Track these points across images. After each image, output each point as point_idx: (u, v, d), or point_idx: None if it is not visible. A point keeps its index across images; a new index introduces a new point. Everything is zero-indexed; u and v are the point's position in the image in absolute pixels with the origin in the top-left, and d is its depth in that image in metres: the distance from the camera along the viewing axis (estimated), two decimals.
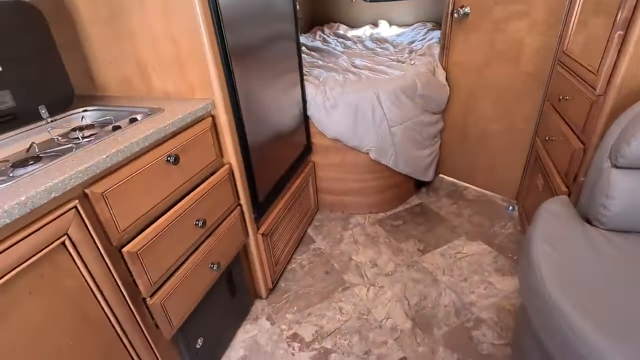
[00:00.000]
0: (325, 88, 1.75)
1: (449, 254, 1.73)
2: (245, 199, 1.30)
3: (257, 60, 1.29)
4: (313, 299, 1.55)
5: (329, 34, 3.06)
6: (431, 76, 1.93)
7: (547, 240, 0.92)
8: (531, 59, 1.68)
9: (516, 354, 1.14)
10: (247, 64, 1.21)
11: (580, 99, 1.22)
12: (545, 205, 1.06)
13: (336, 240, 1.89)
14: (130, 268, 0.84)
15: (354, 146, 1.82)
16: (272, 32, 1.40)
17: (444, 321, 1.40)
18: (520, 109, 1.82)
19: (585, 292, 0.78)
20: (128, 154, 0.81)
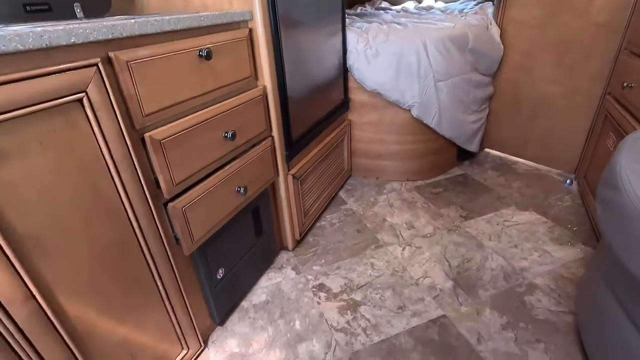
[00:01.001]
0: (368, 36, 1.64)
1: (495, 222, 1.56)
2: (277, 132, 1.21)
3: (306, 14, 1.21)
4: (342, 254, 1.43)
5: (370, 8, 2.95)
6: (484, 30, 1.77)
7: (636, 160, 0.76)
8: (603, 6, 1.49)
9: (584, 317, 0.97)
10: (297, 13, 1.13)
11: None
12: (633, 134, 0.89)
13: (369, 203, 1.77)
14: (152, 159, 0.77)
15: (395, 100, 1.69)
16: None
17: (491, 284, 1.24)
18: (587, 67, 1.62)
19: None
20: (158, 29, 0.75)
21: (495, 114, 2.04)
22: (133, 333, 0.82)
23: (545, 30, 1.70)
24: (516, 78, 1.89)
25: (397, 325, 1.11)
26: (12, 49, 0.52)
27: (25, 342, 0.59)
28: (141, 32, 0.71)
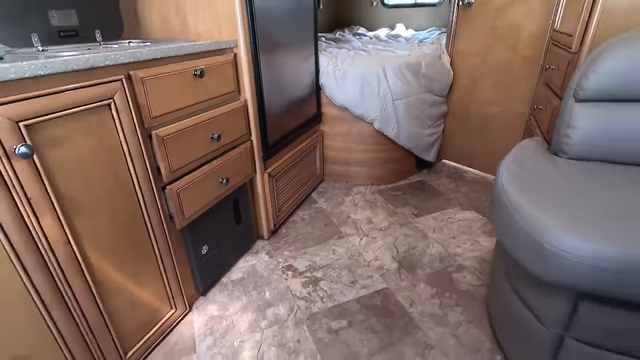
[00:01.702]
0: (337, 60, 1.94)
1: (441, 219, 1.84)
2: (256, 136, 1.48)
3: (277, 19, 1.49)
4: (309, 243, 1.69)
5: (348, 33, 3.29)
6: (436, 59, 2.10)
7: (513, 161, 1.05)
8: (528, 42, 1.83)
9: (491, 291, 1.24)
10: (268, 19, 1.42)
11: (561, 63, 1.36)
12: (520, 142, 1.19)
13: (337, 202, 2.03)
14: (156, 151, 1.02)
15: (360, 115, 1.98)
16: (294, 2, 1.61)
17: (428, 265, 1.51)
18: (517, 92, 1.95)
19: (538, 192, 0.90)
20: (165, 54, 1.01)
21: (450, 129, 2.36)
22: (135, 287, 1.05)
23: (485, 60, 2.04)
24: (465, 99, 2.22)
25: (349, 294, 1.36)
26: (69, 69, 0.78)
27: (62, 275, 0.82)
28: (153, 57, 0.98)
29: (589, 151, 1.04)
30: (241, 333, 1.22)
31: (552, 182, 0.95)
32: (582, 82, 1.02)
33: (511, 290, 1.00)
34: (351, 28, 3.56)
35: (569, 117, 1.06)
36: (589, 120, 1.02)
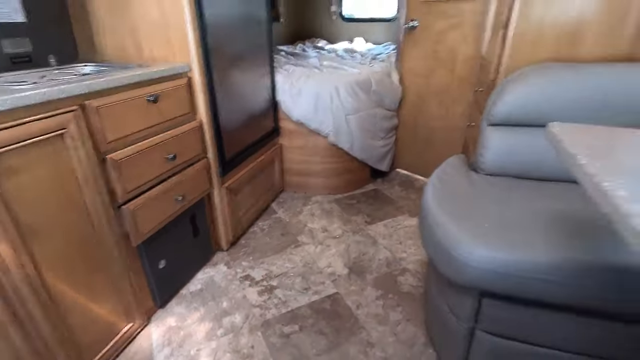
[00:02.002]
0: (292, 78, 2.06)
1: (391, 225, 2.00)
2: (212, 153, 1.55)
3: (230, 42, 1.59)
4: (268, 252, 1.78)
5: (308, 46, 3.43)
6: (385, 76, 2.26)
7: (437, 177, 1.20)
8: (463, 65, 2.04)
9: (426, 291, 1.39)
10: (221, 42, 1.51)
11: (487, 87, 1.55)
12: (447, 159, 1.35)
13: (296, 212, 2.14)
14: (110, 173, 1.09)
15: (315, 129, 2.11)
16: (247, 22, 1.70)
17: (376, 269, 1.65)
18: (456, 109, 2.16)
19: (453, 206, 1.06)
20: (119, 84, 1.08)
21: (402, 141, 2.54)
22: (92, 304, 1.10)
23: (428, 79, 2.23)
24: (414, 114, 2.40)
25: (301, 300, 1.47)
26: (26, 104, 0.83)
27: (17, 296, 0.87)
28: (108, 87, 1.04)
29: (499, 168, 1.21)
30: (198, 342, 1.29)
31: (466, 196, 1.11)
32: (492, 109, 1.20)
33: (436, 291, 1.15)
34: (312, 40, 3.70)
35: (483, 138, 1.23)
36: (498, 141, 1.20)
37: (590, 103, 1.07)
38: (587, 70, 1.11)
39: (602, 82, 1.07)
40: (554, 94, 1.10)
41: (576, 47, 1.27)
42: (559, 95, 1.10)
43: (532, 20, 1.29)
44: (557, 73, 1.14)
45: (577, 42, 1.26)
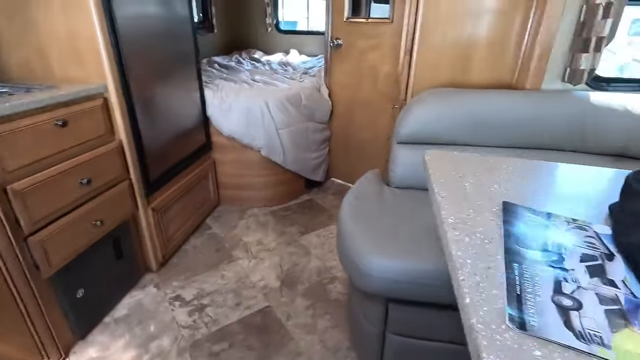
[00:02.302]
0: (222, 94, 2.07)
1: (323, 235, 2.09)
2: (135, 174, 1.52)
3: (150, 58, 1.57)
4: (200, 270, 1.77)
5: (245, 57, 3.44)
6: (315, 91, 2.36)
7: (352, 192, 1.30)
8: (384, 82, 2.20)
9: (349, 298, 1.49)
10: (140, 59, 1.48)
11: (400, 105, 1.70)
12: (364, 174, 1.46)
13: (231, 226, 2.15)
14: (13, 203, 1.03)
15: (247, 144, 2.13)
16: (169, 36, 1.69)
17: (307, 280, 1.72)
18: (381, 122, 2.31)
19: (363, 220, 1.16)
20: (26, 108, 1.03)
21: (335, 151, 2.66)
22: None
23: (355, 93, 2.37)
24: (344, 125, 2.53)
25: (232, 317, 1.49)
26: None
27: None
28: (12, 112, 0.99)
29: (406, 182, 1.35)
30: None
31: (375, 209, 1.22)
32: (398, 128, 1.33)
33: (354, 298, 1.24)
34: (248, 51, 3.71)
35: (393, 154, 1.36)
36: (404, 158, 1.33)
37: (472, 125, 1.24)
38: (471, 96, 1.28)
39: (482, 106, 1.25)
40: (445, 117, 1.25)
41: (468, 73, 1.45)
42: (450, 117, 1.26)
43: (431, 47, 1.45)
44: (448, 97, 1.30)
45: (468, 69, 1.44)
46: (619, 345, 0.34)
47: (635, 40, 4.87)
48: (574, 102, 1.26)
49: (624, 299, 0.40)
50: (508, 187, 0.66)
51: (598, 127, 1.23)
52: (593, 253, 0.48)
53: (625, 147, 1.23)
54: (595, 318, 0.37)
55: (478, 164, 0.76)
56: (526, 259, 0.46)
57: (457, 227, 0.53)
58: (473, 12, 1.38)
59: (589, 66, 1.24)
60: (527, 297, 0.40)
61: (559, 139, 1.26)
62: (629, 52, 4.50)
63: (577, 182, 0.74)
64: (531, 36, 1.33)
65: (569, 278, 0.43)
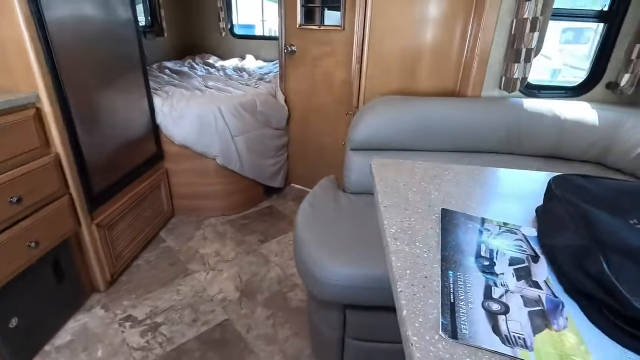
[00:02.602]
0: (172, 100, 1.99)
1: (283, 242, 2.07)
2: (75, 189, 1.41)
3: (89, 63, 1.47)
4: (153, 286, 1.68)
5: (198, 62, 3.34)
6: (270, 97, 2.34)
7: (308, 201, 1.31)
8: (339, 88, 2.23)
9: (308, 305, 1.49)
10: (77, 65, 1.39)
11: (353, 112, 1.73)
12: (319, 182, 1.47)
13: (187, 238, 2.07)
14: None
15: (201, 152, 2.07)
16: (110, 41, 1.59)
17: (267, 289, 1.69)
18: (338, 127, 2.34)
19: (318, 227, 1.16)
20: None
21: (293, 156, 2.65)
22: None
23: (311, 99, 2.38)
24: (302, 130, 2.53)
25: (189, 334, 1.43)
26: None
27: None
28: None
29: (361, 188, 1.37)
30: None
31: (330, 216, 1.23)
32: (351, 135, 1.35)
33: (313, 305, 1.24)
34: (202, 56, 3.61)
35: (347, 160, 1.38)
36: (358, 164, 1.36)
37: (420, 130, 1.29)
38: (418, 103, 1.34)
39: (429, 113, 1.31)
40: (395, 123, 1.30)
41: (416, 81, 1.51)
42: (400, 124, 1.30)
43: (380, 56, 1.50)
44: (397, 104, 1.35)
45: (416, 78, 1.50)
46: (540, 346, 0.37)
47: (565, 47, 5.47)
48: (510, 108, 1.35)
49: (546, 299, 0.43)
50: (447, 193, 0.69)
51: (532, 131, 1.33)
52: (520, 256, 0.51)
53: (556, 148, 1.34)
54: (520, 320, 0.40)
55: (422, 172, 0.78)
56: (461, 266, 0.48)
57: (398, 237, 0.54)
58: (417, 23, 1.44)
59: (521, 75, 1.35)
60: (459, 304, 0.41)
61: (498, 142, 1.35)
62: (561, 58, 5.02)
63: (511, 186, 0.79)
64: (470, 47, 1.42)
65: (499, 282, 0.46)
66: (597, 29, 5.23)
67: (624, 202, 0.54)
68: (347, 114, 1.92)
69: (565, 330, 0.39)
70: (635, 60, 1.34)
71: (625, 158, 1.21)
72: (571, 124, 1.31)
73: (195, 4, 3.56)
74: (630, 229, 0.48)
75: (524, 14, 1.25)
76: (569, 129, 1.31)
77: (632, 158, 1.19)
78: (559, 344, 0.37)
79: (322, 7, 2.16)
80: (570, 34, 7.00)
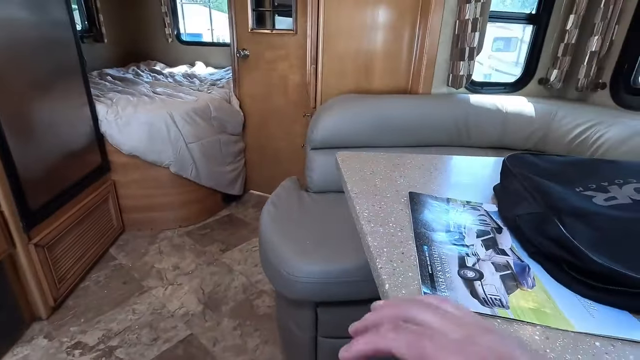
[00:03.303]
0: (118, 107, 1.87)
1: (246, 249, 2.01)
2: (8, 206, 1.26)
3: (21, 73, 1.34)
4: (104, 308, 1.54)
5: (144, 69, 3.17)
6: (224, 102, 2.28)
7: (271, 201, 1.28)
8: (294, 91, 2.24)
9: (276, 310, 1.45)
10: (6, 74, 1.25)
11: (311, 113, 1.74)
12: (281, 183, 1.45)
13: (140, 254, 1.93)
14: None
15: (152, 161, 1.95)
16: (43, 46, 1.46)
17: (232, 298, 1.63)
18: (295, 130, 2.34)
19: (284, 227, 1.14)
20: None
21: (251, 162, 2.60)
22: None
23: (266, 103, 2.36)
24: (259, 135, 2.49)
25: (149, 354, 1.33)
26: None
27: None
28: None
29: (324, 186, 1.38)
30: None
31: (295, 216, 1.22)
32: (311, 135, 1.35)
33: (282, 308, 1.21)
34: (148, 63, 3.45)
35: (308, 160, 1.38)
36: (319, 162, 1.36)
37: (377, 127, 1.33)
38: (374, 101, 1.38)
39: (384, 110, 1.35)
40: (352, 121, 1.32)
41: (370, 81, 1.55)
42: (357, 122, 1.33)
43: (335, 57, 1.52)
44: (354, 103, 1.38)
45: (370, 77, 1.55)
46: (514, 303, 0.39)
47: (494, 55, 6.23)
48: (458, 103, 1.44)
49: (513, 264, 0.46)
50: (412, 179, 0.72)
51: (478, 124, 1.42)
52: (485, 228, 0.54)
53: (500, 139, 1.45)
54: (494, 284, 0.42)
55: (385, 161, 0.80)
56: (434, 241, 0.50)
57: (371, 220, 0.55)
58: (368, 27, 1.49)
59: (466, 72, 1.44)
60: (437, 274, 0.43)
61: (449, 135, 1.43)
62: (492, 64, 5.67)
63: (468, 170, 0.84)
64: (419, 48, 1.49)
65: (470, 252, 0.48)
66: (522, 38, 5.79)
67: (569, 173, 0.59)
68: (305, 115, 1.93)
69: (534, 289, 0.41)
70: (561, 58, 1.49)
71: (560, 144, 1.34)
72: (512, 116, 1.42)
73: (137, 8, 3.40)
74: (577, 195, 0.52)
75: (465, 15, 1.34)
76: (510, 121, 1.42)
77: (565, 144, 1.32)
78: (531, 300, 0.39)
79: (273, 11, 2.17)
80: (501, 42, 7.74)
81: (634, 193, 0.50)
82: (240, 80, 2.38)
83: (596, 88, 1.49)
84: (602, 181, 0.54)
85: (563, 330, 0.35)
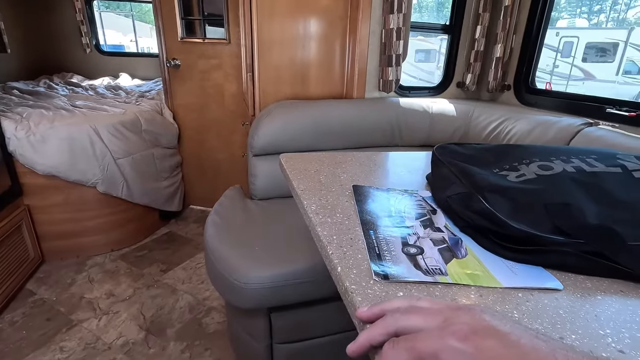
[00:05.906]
0: (29, 123, 1.67)
1: (190, 267, 1.91)
2: None
3: None
4: (25, 351, 1.35)
5: (58, 82, 2.89)
6: (156, 114, 2.17)
7: (215, 212, 1.24)
8: (231, 100, 2.20)
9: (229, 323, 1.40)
10: None
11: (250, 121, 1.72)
12: (224, 193, 1.41)
13: (66, 285, 1.73)
14: None
15: (76, 180, 1.78)
16: None
17: (178, 320, 1.53)
18: (234, 139, 2.30)
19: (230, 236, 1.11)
20: None
21: (189, 176, 2.48)
22: None
23: (203, 114, 2.29)
24: (195, 148, 2.40)
25: None
26: None
27: None
28: None
29: (268, 192, 1.37)
30: None
31: (241, 224, 1.20)
32: (252, 142, 1.35)
33: (234, 320, 1.17)
34: (62, 76, 3.15)
35: (251, 167, 1.36)
36: (262, 169, 1.36)
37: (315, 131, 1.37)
38: (311, 106, 1.42)
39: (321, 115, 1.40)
40: (292, 126, 1.35)
41: (307, 87, 1.60)
42: (297, 126, 1.35)
43: (271, 66, 1.54)
44: (292, 109, 1.40)
45: (307, 84, 1.59)
46: (452, 270, 0.43)
47: (419, 65, 7.03)
48: (389, 106, 1.54)
49: (448, 238, 0.51)
50: (354, 174, 0.75)
51: (408, 125, 1.54)
52: (422, 211, 0.59)
53: (428, 137, 1.58)
54: (434, 257, 0.46)
55: (328, 160, 0.83)
56: (379, 226, 0.53)
57: (319, 212, 0.56)
58: (301, 36, 1.54)
59: (395, 77, 1.55)
60: (384, 254, 0.46)
61: (384, 136, 1.52)
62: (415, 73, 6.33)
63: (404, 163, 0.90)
64: (350, 55, 1.57)
65: (411, 232, 0.52)
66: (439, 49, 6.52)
67: (487, 157, 0.67)
68: (244, 124, 1.91)
69: (467, 257, 0.46)
70: (473, 63, 1.68)
71: (478, 139, 1.50)
72: (437, 117, 1.56)
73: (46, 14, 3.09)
74: (495, 175, 0.60)
75: (390, 25, 1.45)
76: (436, 120, 1.55)
77: (482, 139, 1.49)
78: (465, 267, 0.44)
79: (203, 20, 2.12)
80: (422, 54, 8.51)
81: (538, 169, 0.59)
82: (173, 92, 2.28)
83: (503, 89, 1.70)
84: (513, 162, 0.62)
85: (493, 288, 0.40)
